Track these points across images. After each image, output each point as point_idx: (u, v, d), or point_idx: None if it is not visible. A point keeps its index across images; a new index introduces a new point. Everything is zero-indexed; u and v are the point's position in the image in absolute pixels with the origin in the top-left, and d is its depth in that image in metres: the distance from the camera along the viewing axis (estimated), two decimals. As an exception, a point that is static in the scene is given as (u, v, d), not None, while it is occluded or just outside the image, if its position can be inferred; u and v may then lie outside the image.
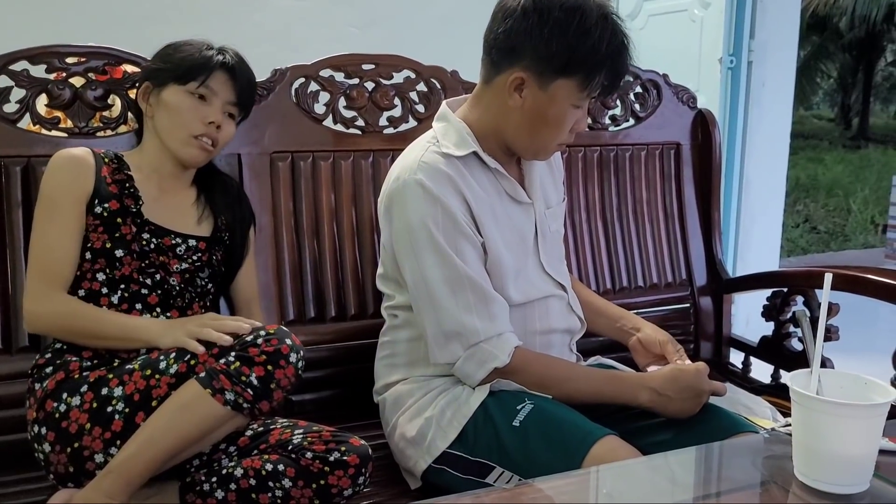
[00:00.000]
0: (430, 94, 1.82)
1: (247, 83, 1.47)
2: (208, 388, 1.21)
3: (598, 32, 1.28)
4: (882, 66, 17.15)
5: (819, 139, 14.98)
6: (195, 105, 1.41)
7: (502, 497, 1.02)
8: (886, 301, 1.67)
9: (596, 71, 1.30)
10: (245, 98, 1.47)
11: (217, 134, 1.44)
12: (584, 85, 1.31)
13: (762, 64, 3.63)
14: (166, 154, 1.44)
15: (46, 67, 1.51)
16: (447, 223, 1.32)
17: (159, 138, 1.43)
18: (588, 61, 1.29)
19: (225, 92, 1.43)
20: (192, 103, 1.41)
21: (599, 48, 1.28)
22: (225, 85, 1.43)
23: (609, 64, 1.31)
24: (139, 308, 1.38)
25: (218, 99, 1.43)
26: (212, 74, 1.41)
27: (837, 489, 0.94)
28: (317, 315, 1.70)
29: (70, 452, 1.24)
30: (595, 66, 1.30)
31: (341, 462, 1.25)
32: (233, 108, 1.46)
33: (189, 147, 1.42)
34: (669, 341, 1.50)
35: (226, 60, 1.43)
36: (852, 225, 8.10)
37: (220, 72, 1.42)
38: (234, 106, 1.46)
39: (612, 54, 1.30)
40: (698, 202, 2.12)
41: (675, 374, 1.36)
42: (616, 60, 1.31)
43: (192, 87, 1.40)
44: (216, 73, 1.42)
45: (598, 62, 1.29)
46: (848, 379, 1.00)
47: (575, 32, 1.28)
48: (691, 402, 1.34)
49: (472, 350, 1.33)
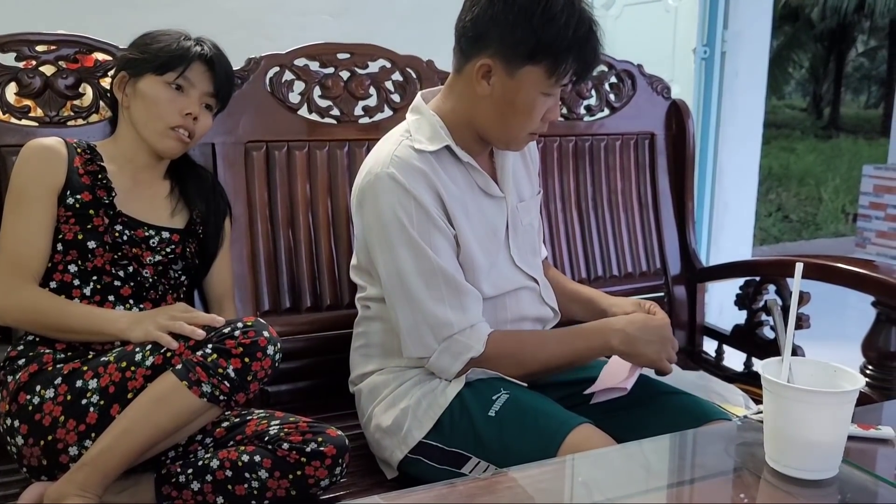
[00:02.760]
0: (405, 84, 1.81)
1: (225, 75, 1.46)
2: (185, 380, 1.20)
3: (564, 19, 1.27)
4: (853, 57, 17.36)
5: (791, 129, 15.14)
6: (173, 96, 1.39)
7: (478, 486, 1.03)
8: (856, 289, 1.70)
9: (563, 57, 1.30)
10: (223, 89, 1.46)
11: (194, 126, 1.42)
12: (552, 72, 1.31)
13: (736, 54, 3.66)
14: (142, 145, 1.43)
15: (16, 56, 1.49)
16: (420, 216, 1.32)
17: (135, 129, 1.42)
18: (554, 47, 1.28)
19: (203, 83, 1.42)
20: (169, 94, 1.39)
21: (565, 34, 1.28)
22: (203, 76, 1.42)
23: (576, 50, 1.30)
24: (112, 300, 1.37)
25: (196, 90, 1.41)
26: (190, 65, 1.40)
27: (807, 475, 0.96)
28: (292, 305, 1.69)
29: (43, 445, 1.23)
30: (562, 53, 1.29)
31: (318, 453, 1.25)
32: (210, 99, 1.45)
33: (166, 139, 1.41)
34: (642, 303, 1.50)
35: (204, 52, 1.42)
36: (823, 214, 8.21)
37: (198, 63, 1.41)
38: (212, 97, 1.45)
39: (578, 41, 1.29)
40: (672, 192, 2.14)
41: (640, 317, 1.39)
42: (583, 47, 1.31)
43: (170, 77, 1.39)
44: (194, 64, 1.40)
45: (564, 48, 1.29)
46: (818, 367, 1.01)
47: (540, 18, 1.27)
48: (657, 345, 1.35)
49: (447, 343, 1.34)
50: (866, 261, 1.79)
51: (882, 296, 1.65)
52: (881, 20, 13.95)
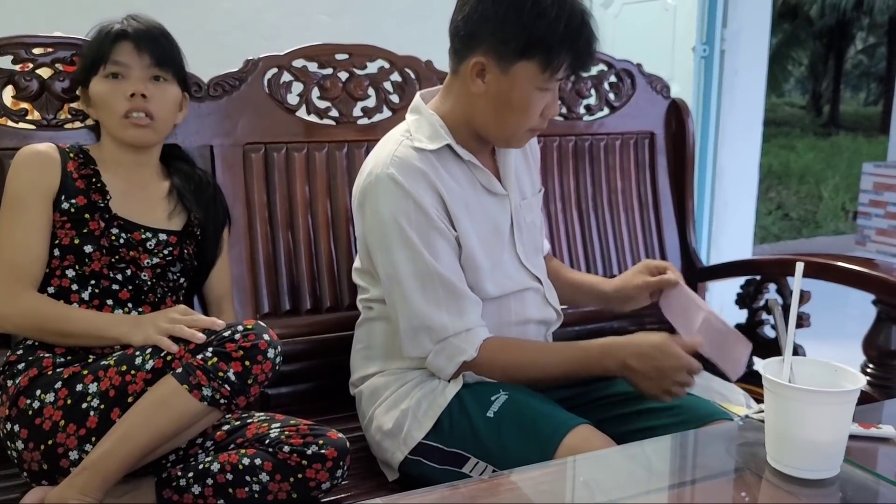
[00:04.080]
0: (404, 84, 1.81)
1: (151, 39, 1.39)
2: (185, 384, 1.20)
3: (555, 12, 1.27)
4: (852, 54, 17.36)
5: (791, 126, 15.14)
6: (113, 86, 1.38)
7: (479, 488, 1.03)
8: (857, 288, 1.70)
9: (555, 52, 1.29)
10: (161, 54, 1.40)
11: (147, 105, 1.38)
12: (546, 66, 1.30)
13: (735, 52, 3.65)
14: (120, 146, 1.42)
15: (13, 58, 1.49)
16: (419, 218, 1.32)
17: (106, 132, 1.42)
18: (546, 42, 1.28)
19: (134, 59, 1.38)
20: (109, 86, 1.38)
21: (556, 28, 1.27)
22: (131, 53, 1.38)
23: (569, 43, 1.29)
24: (110, 304, 1.36)
25: (132, 70, 1.38)
26: (112, 49, 1.37)
27: (809, 474, 0.96)
28: (292, 308, 1.69)
29: (44, 450, 1.23)
30: (554, 47, 1.28)
31: (319, 455, 1.25)
32: (155, 70, 1.40)
33: (125, 129, 1.38)
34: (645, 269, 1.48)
35: (121, 28, 1.39)
36: (823, 212, 8.21)
37: (119, 44, 1.38)
38: (155, 67, 1.40)
39: (571, 33, 1.28)
40: (672, 191, 2.13)
41: (650, 351, 1.30)
42: (576, 39, 1.29)
43: (104, 71, 1.38)
44: (116, 46, 1.38)
45: (556, 42, 1.28)
46: (819, 366, 1.01)
47: (530, 13, 1.27)
48: (656, 383, 1.30)
49: (442, 345, 1.34)
50: (867, 259, 1.79)
51: (882, 294, 1.65)
52: (880, 17, 13.97)
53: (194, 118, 1.59)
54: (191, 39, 1.52)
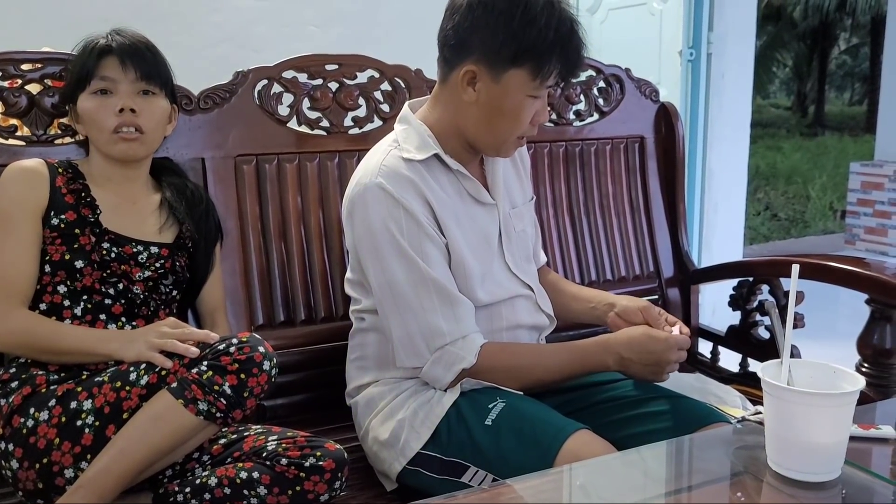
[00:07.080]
0: (394, 94, 1.81)
1: (136, 53, 1.38)
2: (180, 398, 1.19)
3: (545, 20, 1.28)
4: (835, 55, 17.49)
5: (777, 127, 15.23)
6: (101, 102, 1.37)
7: (478, 498, 1.02)
8: (851, 288, 1.70)
9: (546, 59, 1.30)
10: (147, 68, 1.39)
11: (136, 119, 1.38)
12: (536, 74, 1.30)
13: (721, 55, 3.68)
14: (109, 161, 1.41)
15: (1, 75, 1.48)
16: (410, 226, 1.32)
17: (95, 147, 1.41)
18: (536, 49, 1.29)
19: (120, 74, 1.38)
20: (97, 102, 1.37)
21: (546, 35, 1.28)
22: (117, 68, 1.38)
23: (559, 51, 1.30)
24: (103, 319, 1.35)
25: (120, 84, 1.38)
26: (97, 65, 1.37)
27: (810, 477, 0.95)
28: (286, 319, 1.68)
29: (39, 468, 1.21)
30: (544, 54, 1.29)
31: (317, 467, 1.24)
32: (143, 84, 1.40)
33: (114, 144, 1.38)
34: (649, 306, 1.45)
35: (106, 44, 1.38)
36: (812, 211, 8.25)
37: (104, 59, 1.37)
38: (142, 81, 1.39)
39: (560, 41, 1.29)
40: (663, 194, 2.14)
41: (639, 339, 1.34)
42: (566, 46, 1.31)
43: (91, 87, 1.37)
44: (101, 62, 1.37)
45: (546, 49, 1.29)
46: (817, 368, 1.01)
47: (520, 21, 1.27)
48: (652, 368, 1.33)
49: (439, 353, 1.33)
50: (858, 259, 1.80)
51: (875, 293, 1.65)
52: (863, 17, 14.09)
53: (185, 131, 1.59)
54: (180, 52, 1.52)
